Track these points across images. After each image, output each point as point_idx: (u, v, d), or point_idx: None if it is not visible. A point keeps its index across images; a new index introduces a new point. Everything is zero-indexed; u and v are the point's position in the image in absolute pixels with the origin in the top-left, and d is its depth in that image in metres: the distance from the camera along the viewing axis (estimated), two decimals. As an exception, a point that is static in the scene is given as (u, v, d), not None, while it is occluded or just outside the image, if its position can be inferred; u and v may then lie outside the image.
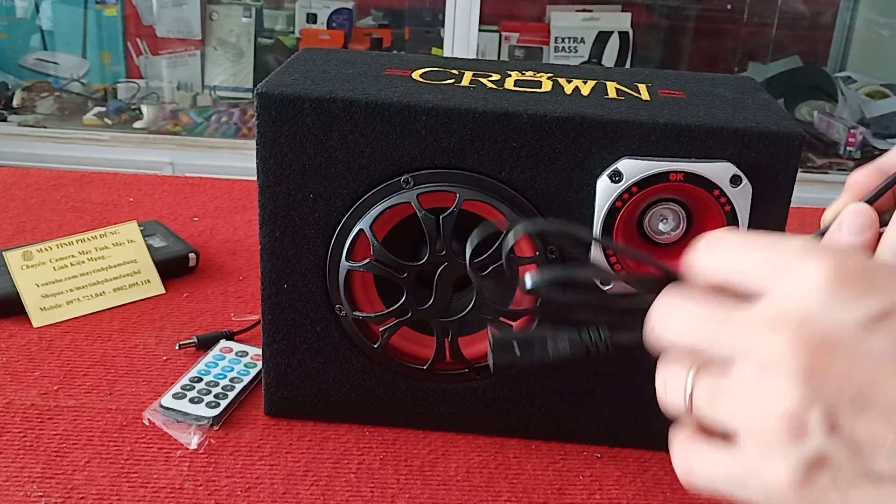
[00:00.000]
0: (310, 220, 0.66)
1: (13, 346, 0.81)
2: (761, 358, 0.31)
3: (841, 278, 0.31)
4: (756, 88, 0.72)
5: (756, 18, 2.62)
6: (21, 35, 2.57)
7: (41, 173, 1.23)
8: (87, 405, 0.73)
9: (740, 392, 0.32)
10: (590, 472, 0.69)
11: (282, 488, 0.65)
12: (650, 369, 0.42)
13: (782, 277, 0.33)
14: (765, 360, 0.31)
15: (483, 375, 0.69)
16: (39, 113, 2.46)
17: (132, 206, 1.13)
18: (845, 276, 0.31)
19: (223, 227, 1.09)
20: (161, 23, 2.51)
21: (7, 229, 1.05)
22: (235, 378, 0.76)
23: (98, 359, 0.80)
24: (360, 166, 0.64)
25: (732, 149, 0.62)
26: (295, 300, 0.68)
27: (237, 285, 0.95)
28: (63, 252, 0.90)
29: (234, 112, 2.50)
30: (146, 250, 0.93)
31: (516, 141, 0.63)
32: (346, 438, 0.71)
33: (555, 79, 0.70)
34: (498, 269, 0.64)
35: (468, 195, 0.63)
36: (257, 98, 0.63)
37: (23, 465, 0.66)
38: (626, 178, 0.62)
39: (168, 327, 0.86)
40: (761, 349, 0.32)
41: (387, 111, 0.62)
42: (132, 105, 2.51)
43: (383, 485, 0.66)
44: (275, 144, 0.64)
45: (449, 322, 0.66)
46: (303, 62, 0.71)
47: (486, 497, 0.66)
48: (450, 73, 0.71)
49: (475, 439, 0.72)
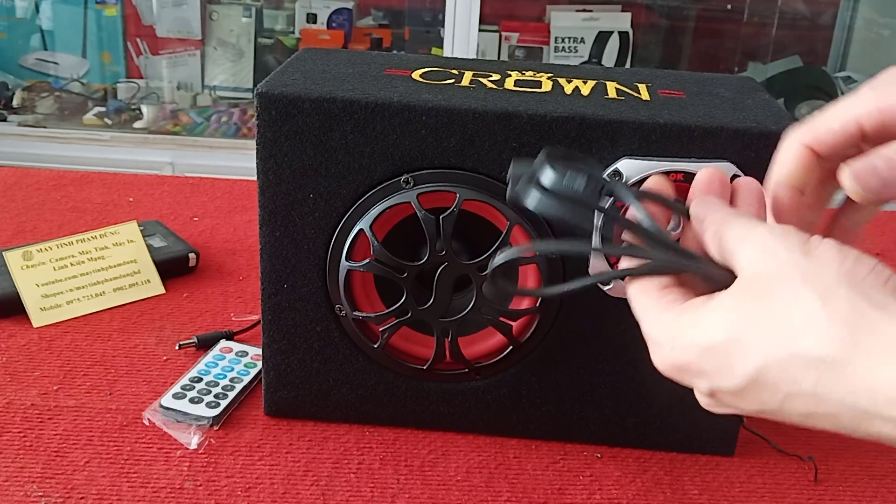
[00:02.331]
0: (310, 220, 0.66)
1: (13, 346, 0.81)
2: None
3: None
4: (756, 88, 0.72)
5: (756, 18, 2.62)
6: (21, 35, 2.57)
7: (41, 173, 1.23)
8: (87, 405, 0.73)
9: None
10: (590, 472, 0.69)
11: (282, 488, 0.65)
12: (650, 369, 0.42)
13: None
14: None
15: (483, 375, 0.70)
16: (39, 113, 2.46)
17: (132, 206, 1.13)
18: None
19: (223, 227, 1.09)
20: (161, 23, 2.51)
21: (7, 229, 1.05)
22: (235, 378, 0.76)
23: (98, 359, 0.80)
24: (360, 166, 0.64)
25: (732, 149, 0.62)
26: (295, 300, 0.68)
27: (237, 285, 0.95)
28: (63, 252, 0.90)
29: (234, 112, 2.50)
30: (146, 250, 0.93)
31: (516, 141, 0.63)
32: (346, 438, 0.71)
33: (555, 79, 0.70)
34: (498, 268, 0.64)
35: (468, 195, 0.63)
36: (257, 98, 0.63)
37: (23, 465, 0.66)
38: (626, 178, 0.62)
39: (168, 327, 0.86)
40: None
41: (387, 111, 0.62)
42: (132, 105, 2.51)
43: (383, 485, 0.66)
44: (275, 144, 0.64)
45: (449, 322, 0.66)
46: (303, 62, 0.71)
47: (486, 497, 0.66)
48: (450, 73, 0.71)
49: (475, 439, 0.72)
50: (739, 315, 0.39)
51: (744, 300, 0.40)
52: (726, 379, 0.40)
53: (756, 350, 0.38)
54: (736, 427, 0.71)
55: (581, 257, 0.54)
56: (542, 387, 0.70)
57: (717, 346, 0.40)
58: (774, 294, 0.38)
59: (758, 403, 0.39)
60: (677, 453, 0.72)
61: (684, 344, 0.41)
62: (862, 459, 0.72)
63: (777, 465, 0.71)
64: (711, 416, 0.70)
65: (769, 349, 0.38)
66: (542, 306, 0.66)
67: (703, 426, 0.70)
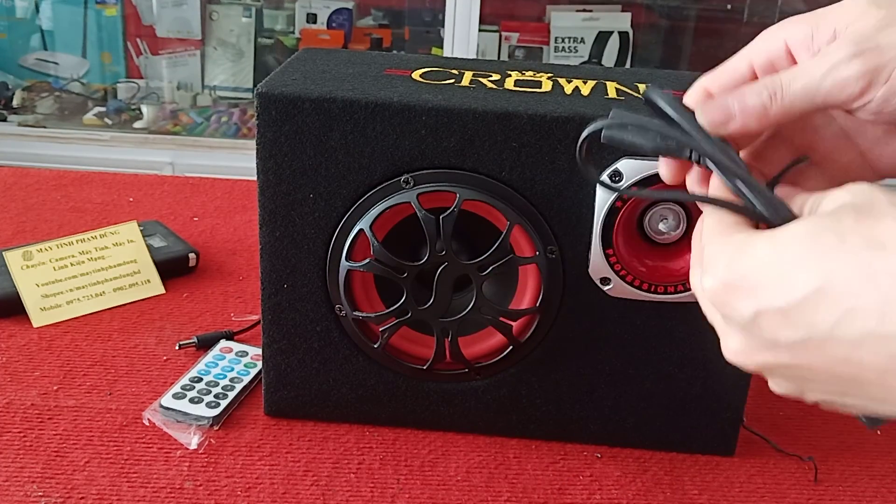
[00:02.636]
0: (310, 220, 0.66)
1: (13, 346, 0.81)
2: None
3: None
4: (756, 88, 0.72)
5: (756, 18, 2.62)
6: (21, 35, 2.57)
7: (41, 173, 1.23)
8: (87, 405, 0.73)
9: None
10: (590, 472, 0.69)
11: (282, 488, 0.65)
12: (650, 369, 0.42)
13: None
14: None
15: (483, 375, 0.70)
16: (39, 113, 2.46)
17: (132, 206, 1.13)
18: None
19: (223, 227, 1.09)
20: (161, 23, 2.51)
21: (7, 229, 1.05)
22: (235, 378, 0.76)
23: (98, 359, 0.80)
24: (360, 166, 0.64)
25: (732, 149, 0.61)
26: (295, 300, 0.68)
27: (237, 285, 0.95)
28: (63, 252, 0.90)
29: (234, 112, 2.50)
30: (146, 250, 0.93)
31: (516, 141, 0.63)
32: (346, 438, 0.71)
33: (555, 79, 0.70)
34: (498, 269, 0.64)
35: (468, 195, 0.63)
36: (257, 98, 0.63)
37: (23, 465, 0.66)
38: (626, 178, 0.62)
39: (168, 327, 0.86)
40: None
41: (387, 111, 0.62)
42: (132, 105, 2.51)
43: (383, 485, 0.66)
44: (275, 144, 0.64)
45: (449, 322, 0.66)
46: (303, 62, 0.71)
47: (486, 497, 0.66)
48: (450, 73, 0.71)
49: (475, 439, 0.72)
50: (813, 232, 0.37)
51: (820, 221, 0.37)
52: (782, 293, 0.37)
53: (825, 262, 0.36)
54: (736, 427, 0.71)
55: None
56: (542, 387, 0.70)
57: (783, 259, 0.37)
58: (854, 215, 0.36)
59: (807, 328, 0.36)
60: (677, 453, 0.72)
61: (748, 257, 0.39)
62: (862, 459, 0.72)
63: (777, 465, 0.71)
64: (711, 416, 0.70)
65: (839, 263, 0.35)
66: (541, 306, 0.66)
67: (703, 426, 0.71)
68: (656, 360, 0.68)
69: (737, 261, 0.39)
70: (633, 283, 0.65)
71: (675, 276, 0.65)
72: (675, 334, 0.67)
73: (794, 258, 0.37)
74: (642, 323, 0.67)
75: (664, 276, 0.65)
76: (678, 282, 0.65)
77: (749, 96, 0.44)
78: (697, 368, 0.68)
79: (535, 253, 0.64)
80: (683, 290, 0.65)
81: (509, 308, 0.66)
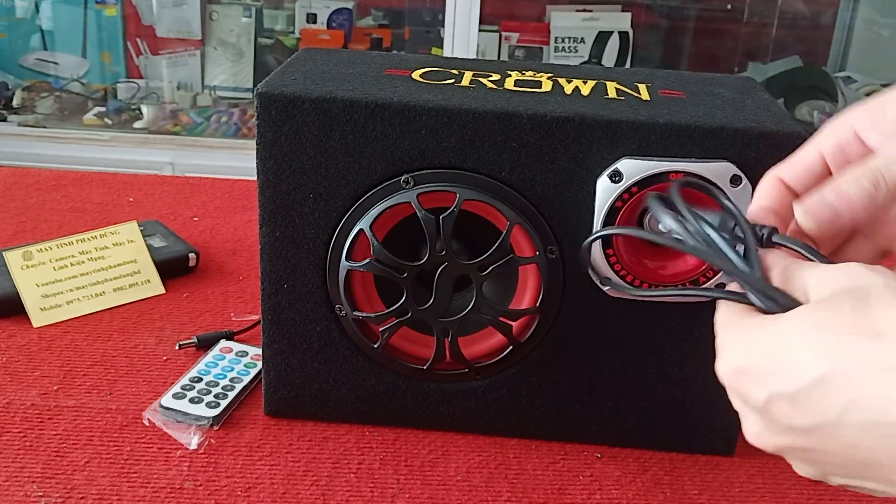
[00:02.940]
0: (310, 220, 0.66)
1: (13, 346, 0.81)
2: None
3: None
4: (756, 88, 0.72)
5: (756, 18, 2.62)
6: (21, 35, 2.57)
7: (41, 173, 1.23)
8: (87, 405, 0.73)
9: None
10: (590, 472, 0.69)
11: (282, 488, 0.65)
12: (650, 369, 0.43)
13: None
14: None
15: (483, 375, 0.70)
16: (39, 113, 2.46)
17: (132, 206, 1.13)
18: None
19: (223, 227, 1.09)
20: (161, 23, 2.51)
21: (7, 229, 1.05)
22: (235, 378, 0.76)
23: (98, 359, 0.80)
24: (360, 166, 0.64)
25: (732, 149, 0.62)
26: (295, 300, 0.68)
27: (237, 285, 0.95)
28: (63, 252, 0.90)
29: (234, 112, 2.50)
30: (146, 250, 0.93)
31: (516, 141, 0.63)
32: (346, 438, 0.71)
33: (555, 79, 0.70)
34: (498, 269, 0.64)
35: (468, 195, 0.63)
36: (257, 98, 0.63)
37: (23, 465, 0.66)
38: (626, 178, 0.62)
39: (168, 327, 0.86)
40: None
41: (387, 111, 0.62)
42: (132, 105, 2.51)
43: (383, 485, 0.66)
44: (275, 144, 0.64)
45: (449, 322, 0.66)
46: (303, 62, 0.71)
47: (486, 497, 0.66)
48: (450, 73, 0.71)
49: (475, 439, 0.72)
50: (814, 322, 0.38)
51: (820, 309, 0.38)
52: (791, 379, 0.38)
53: (827, 351, 0.37)
54: (736, 427, 0.71)
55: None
56: (542, 387, 0.70)
57: (789, 347, 0.38)
58: (851, 303, 0.37)
59: (815, 415, 0.37)
60: (677, 453, 0.72)
61: (756, 345, 0.40)
62: (862, 459, 0.72)
63: (777, 465, 0.71)
64: (711, 416, 0.70)
65: (840, 353, 0.36)
66: (542, 306, 0.66)
67: (703, 426, 0.71)
68: (656, 360, 0.68)
69: (747, 347, 0.40)
70: (633, 283, 0.65)
71: (675, 276, 0.65)
72: (675, 334, 0.67)
73: (800, 346, 0.38)
74: (642, 323, 0.67)
75: (664, 276, 0.65)
76: (678, 282, 0.65)
77: (846, 187, 0.44)
78: (697, 368, 0.68)
79: (535, 253, 0.64)
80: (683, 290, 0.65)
81: (509, 308, 0.66)
